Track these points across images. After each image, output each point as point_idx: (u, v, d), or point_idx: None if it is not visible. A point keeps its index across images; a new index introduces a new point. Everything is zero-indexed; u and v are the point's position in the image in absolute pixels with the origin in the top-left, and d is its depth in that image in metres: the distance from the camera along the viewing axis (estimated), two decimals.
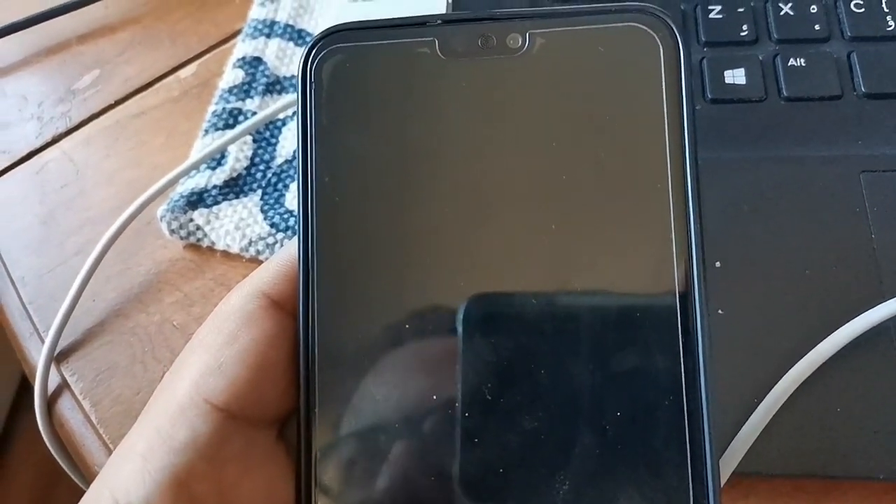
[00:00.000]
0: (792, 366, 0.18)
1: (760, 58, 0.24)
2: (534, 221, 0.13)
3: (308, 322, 0.13)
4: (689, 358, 0.12)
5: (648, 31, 0.13)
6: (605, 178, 0.13)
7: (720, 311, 0.19)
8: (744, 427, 0.17)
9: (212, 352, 0.14)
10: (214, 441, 0.13)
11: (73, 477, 0.25)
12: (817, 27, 0.24)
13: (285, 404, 0.14)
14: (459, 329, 0.13)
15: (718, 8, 0.25)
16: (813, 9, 0.25)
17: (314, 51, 0.14)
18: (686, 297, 0.13)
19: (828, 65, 0.23)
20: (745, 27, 0.24)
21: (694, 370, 0.12)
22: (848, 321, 0.19)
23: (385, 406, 0.13)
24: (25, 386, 0.70)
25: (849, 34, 0.24)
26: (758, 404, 0.18)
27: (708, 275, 0.13)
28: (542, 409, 0.13)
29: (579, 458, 0.12)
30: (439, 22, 0.14)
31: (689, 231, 0.13)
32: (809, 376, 0.18)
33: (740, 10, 0.25)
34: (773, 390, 0.18)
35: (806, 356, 0.18)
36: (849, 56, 0.23)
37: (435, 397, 0.13)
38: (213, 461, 0.13)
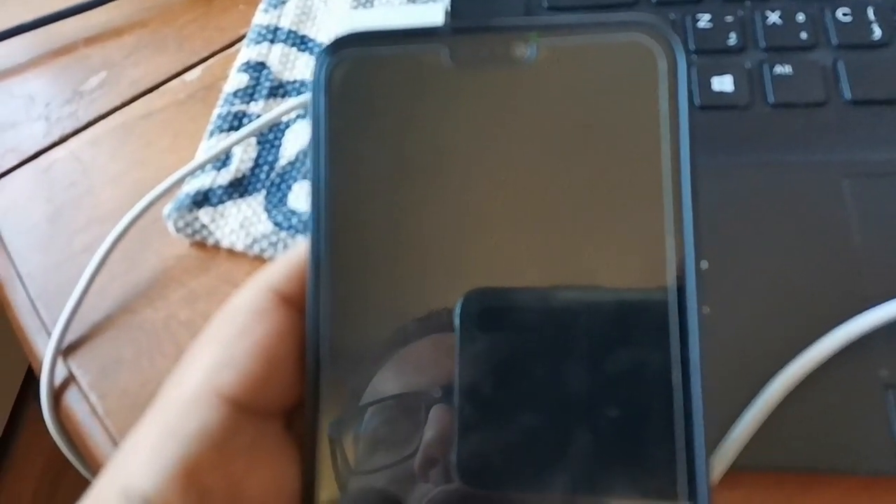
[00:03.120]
0: (778, 369, 0.19)
1: (747, 65, 0.25)
2: (536, 226, 0.14)
3: (316, 318, 0.14)
4: (682, 354, 0.13)
5: (649, 45, 0.14)
6: (604, 187, 0.14)
7: (706, 309, 0.20)
8: (735, 428, 0.18)
9: (222, 345, 0.14)
10: (224, 432, 0.13)
11: (79, 468, 0.25)
12: (804, 35, 0.25)
13: (293, 397, 0.14)
14: (461, 326, 0.13)
15: (707, 17, 0.26)
16: (800, 17, 0.25)
17: (327, 58, 0.14)
18: (681, 293, 0.13)
19: (814, 72, 0.24)
20: (732, 35, 0.25)
21: (687, 366, 0.13)
22: (831, 324, 0.19)
23: (390, 403, 0.14)
24: (30, 378, 0.71)
25: (835, 42, 0.25)
26: (744, 406, 0.18)
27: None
28: (545, 404, 0.13)
29: (572, 450, 0.13)
30: (449, 31, 0.14)
31: (684, 238, 0.13)
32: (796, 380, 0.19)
33: (728, 18, 0.26)
34: (761, 395, 0.18)
35: (793, 362, 0.19)
36: (834, 64, 0.24)
37: (439, 393, 0.13)
38: (222, 452, 0.13)
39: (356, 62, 0.14)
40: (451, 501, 0.13)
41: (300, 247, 0.15)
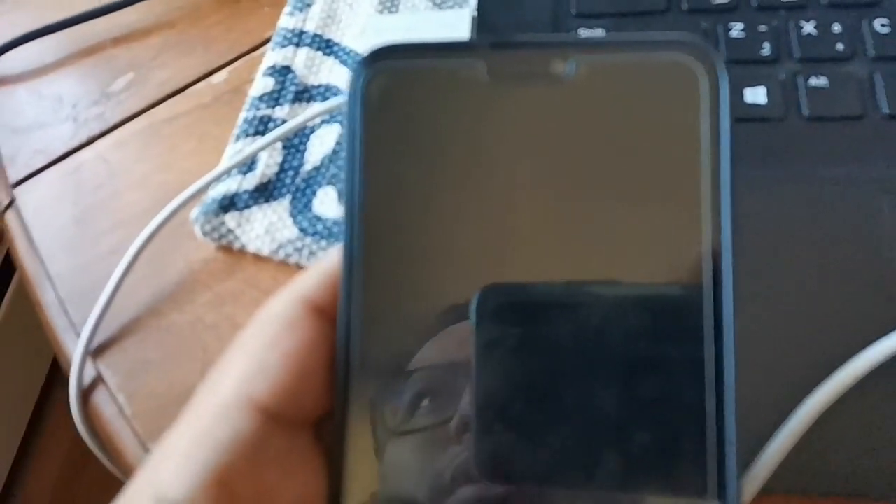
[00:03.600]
0: (810, 388, 0.18)
1: (781, 77, 0.24)
2: (573, 245, 0.14)
3: (347, 328, 0.14)
4: (714, 359, 0.13)
5: (691, 65, 0.13)
6: (641, 208, 0.14)
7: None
8: (767, 449, 0.17)
9: (254, 355, 0.14)
10: (256, 441, 0.13)
11: (108, 466, 0.26)
12: (840, 46, 0.24)
13: (323, 407, 0.14)
14: (485, 330, 0.14)
15: (740, 26, 0.25)
16: (836, 28, 0.25)
17: (363, 69, 0.14)
18: (716, 295, 0.13)
19: (850, 85, 0.24)
20: (766, 45, 0.25)
21: (719, 373, 0.13)
22: (868, 344, 0.19)
23: (418, 412, 0.14)
24: (52, 378, 0.72)
25: (872, 54, 0.24)
26: (775, 427, 0.18)
27: None
28: (573, 403, 0.13)
29: (599, 447, 0.13)
30: (488, 46, 0.14)
31: (722, 267, 0.13)
32: (830, 400, 0.18)
33: (762, 28, 0.25)
34: (793, 415, 0.18)
35: (827, 381, 0.18)
36: (871, 76, 0.24)
37: (469, 406, 0.14)
38: (254, 461, 0.13)
39: (393, 74, 0.14)
40: None
41: (333, 256, 0.15)
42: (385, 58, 0.14)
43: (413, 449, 0.14)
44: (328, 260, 0.15)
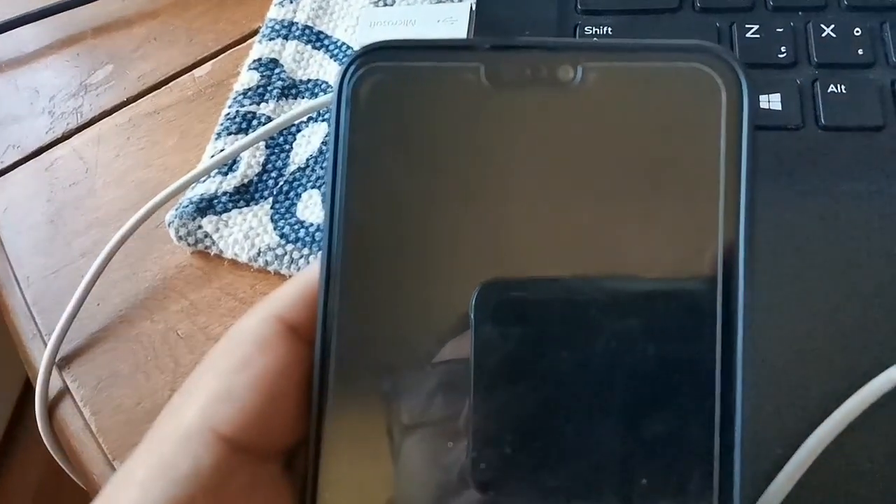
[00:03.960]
0: (823, 417, 0.17)
1: (798, 82, 0.23)
2: (571, 259, 0.13)
3: (324, 350, 0.13)
4: (724, 359, 0.12)
5: (711, 73, 0.12)
6: (651, 223, 0.13)
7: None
8: (776, 479, 0.16)
9: (222, 377, 0.13)
10: (218, 474, 0.12)
11: (76, 481, 0.24)
12: (860, 52, 0.23)
13: (293, 436, 0.13)
14: (492, 362, 0.13)
15: (755, 27, 0.24)
16: (857, 32, 0.23)
17: (352, 67, 0.13)
18: (730, 321, 0.12)
19: (870, 93, 0.22)
20: (783, 49, 0.23)
21: (730, 378, 0.12)
22: (882, 369, 0.18)
23: (398, 446, 0.13)
24: (30, 385, 0.71)
25: (894, 61, 0.23)
26: (786, 453, 0.17)
27: None
28: (574, 406, 0.12)
29: (600, 452, 0.12)
30: (487, 47, 0.13)
31: (739, 287, 0.12)
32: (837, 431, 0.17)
33: (779, 30, 0.24)
34: (803, 445, 0.17)
35: (838, 409, 0.17)
36: (893, 84, 0.22)
37: (452, 441, 0.13)
38: (215, 496, 0.12)
39: (384, 73, 0.13)
40: None
41: (311, 271, 0.14)
42: (376, 55, 0.13)
43: (393, 482, 0.13)
44: (305, 274, 0.14)
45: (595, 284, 0.13)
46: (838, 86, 0.22)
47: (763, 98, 0.22)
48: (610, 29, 0.24)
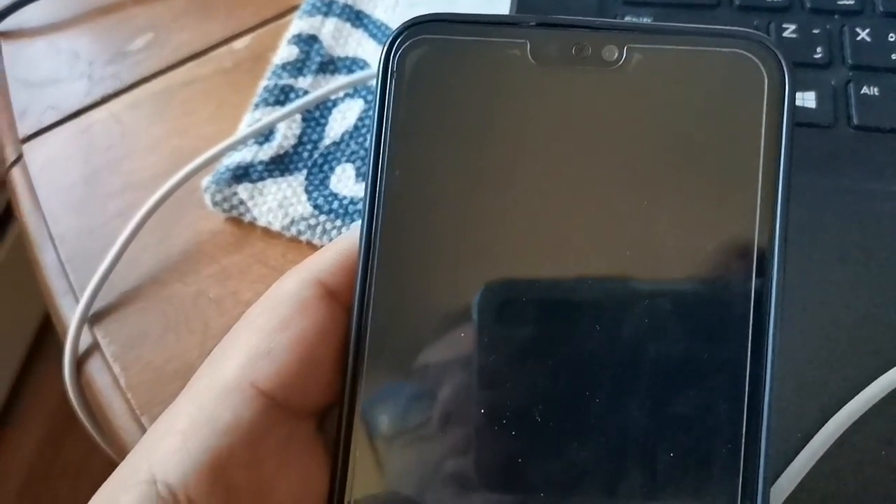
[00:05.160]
0: (838, 408, 0.17)
1: (832, 82, 0.23)
2: (609, 234, 0.13)
3: (362, 316, 0.13)
4: (753, 364, 0.12)
5: (755, 60, 0.13)
6: (691, 204, 0.13)
7: None
8: (790, 466, 0.17)
9: (262, 335, 0.13)
10: (257, 428, 0.13)
11: (94, 436, 0.25)
12: (894, 56, 0.23)
13: (328, 397, 0.14)
14: (508, 326, 0.13)
15: (793, 27, 0.24)
16: (892, 37, 0.24)
17: (399, 40, 0.13)
18: (762, 318, 0.13)
19: None
20: (819, 49, 0.24)
21: (759, 379, 0.12)
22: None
23: (429, 409, 0.13)
24: (40, 338, 0.71)
25: None
26: (800, 444, 0.17)
27: None
28: (597, 409, 0.13)
29: (622, 455, 0.12)
30: (533, 24, 0.13)
31: (771, 276, 0.12)
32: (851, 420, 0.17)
33: (815, 31, 0.24)
34: (818, 433, 0.17)
35: (853, 400, 0.18)
36: None
37: (484, 404, 0.13)
38: (254, 449, 0.13)
39: (430, 46, 0.13)
40: None
41: (349, 238, 0.14)
42: (423, 28, 0.13)
43: (421, 448, 0.13)
44: (345, 240, 0.14)
45: (633, 268, 0.13)
46: (871, 88, 0.23)
47: (797, 95, 0.23)
48: (649, 20, 0.24)
